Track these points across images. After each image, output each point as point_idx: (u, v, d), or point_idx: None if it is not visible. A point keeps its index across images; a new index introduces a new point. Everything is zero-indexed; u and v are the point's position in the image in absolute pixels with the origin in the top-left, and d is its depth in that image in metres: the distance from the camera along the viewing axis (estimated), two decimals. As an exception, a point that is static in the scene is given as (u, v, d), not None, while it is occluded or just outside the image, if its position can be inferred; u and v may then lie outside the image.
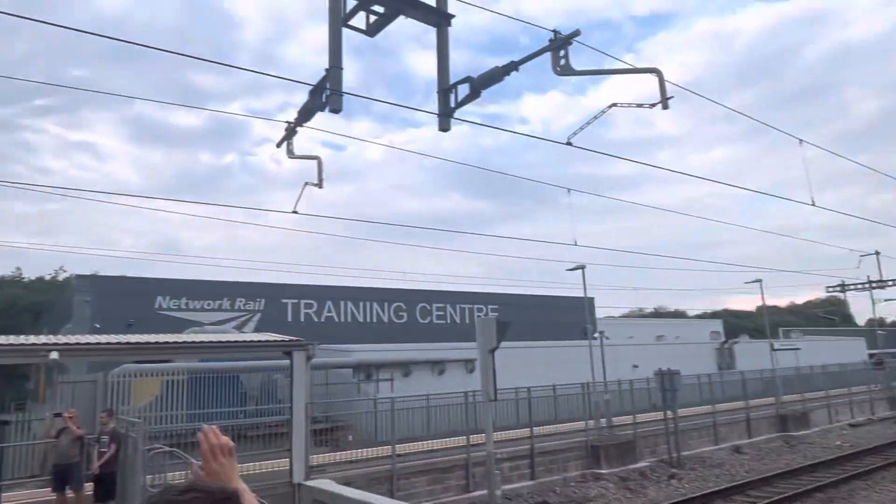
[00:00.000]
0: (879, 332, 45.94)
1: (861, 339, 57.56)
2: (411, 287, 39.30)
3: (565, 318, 38.81)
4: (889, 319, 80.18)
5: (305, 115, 9.03)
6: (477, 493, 14.24)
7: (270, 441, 15.64)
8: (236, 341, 14.69)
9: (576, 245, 19.00)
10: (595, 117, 9.54)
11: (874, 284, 46.15)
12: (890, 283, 45.89)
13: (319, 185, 11.20)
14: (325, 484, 11.28)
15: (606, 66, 17.12)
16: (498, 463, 15.19)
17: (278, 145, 10.28)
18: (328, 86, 7.88)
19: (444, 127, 8.54)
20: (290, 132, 10.08)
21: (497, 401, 18.81)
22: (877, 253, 45.44)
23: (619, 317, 68.29)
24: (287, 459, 12.24)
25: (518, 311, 40.82)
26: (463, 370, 26.96)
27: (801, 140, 13.60)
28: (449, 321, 36.08)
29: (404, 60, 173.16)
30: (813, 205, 12.97)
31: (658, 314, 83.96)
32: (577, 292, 33.10)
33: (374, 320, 35.79)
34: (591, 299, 45.16)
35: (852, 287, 49.31)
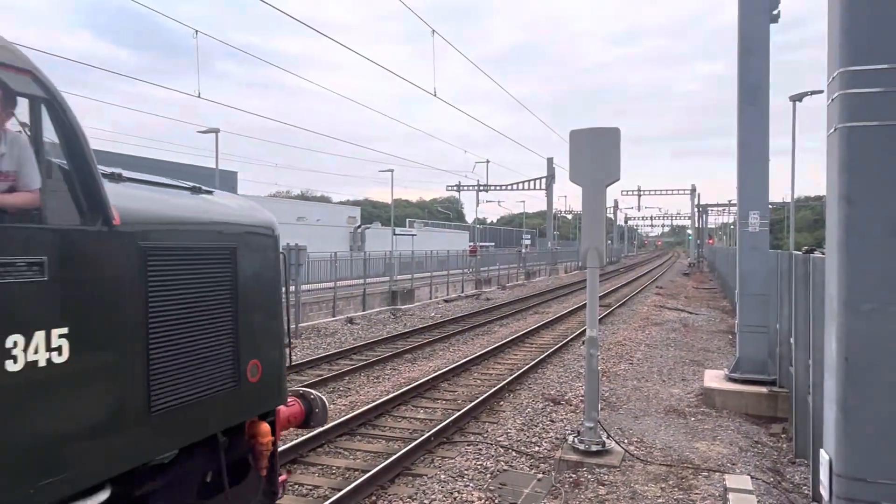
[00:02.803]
0: (478, 227, 55.10)
1: (466, 233, 68.78)
2: None
3: (203, 189, 36.29)
4: (489, 220, 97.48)
5: None
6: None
7: None
8: None
9: (199, 97, 17.30)
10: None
11: (481, 187, 54.77)
12: (492, 187, 55.11)
13: None
14: None
15: None
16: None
17: None
18: None
19: None
20: None
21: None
22: (487, 161, 53.74)
23: (265, 196, 67.72)
24: None
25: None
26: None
27: (433, 30, 14.45)
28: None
29: None
30: (435, 95, 14.21)
31: (304, 197, 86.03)
32: (223, 165, 30.99)
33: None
34: (234, 174, 43.29)
35: (465, 188, 57.83)
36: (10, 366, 2.61)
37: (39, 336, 2.73)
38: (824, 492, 2.72)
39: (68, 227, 3.00)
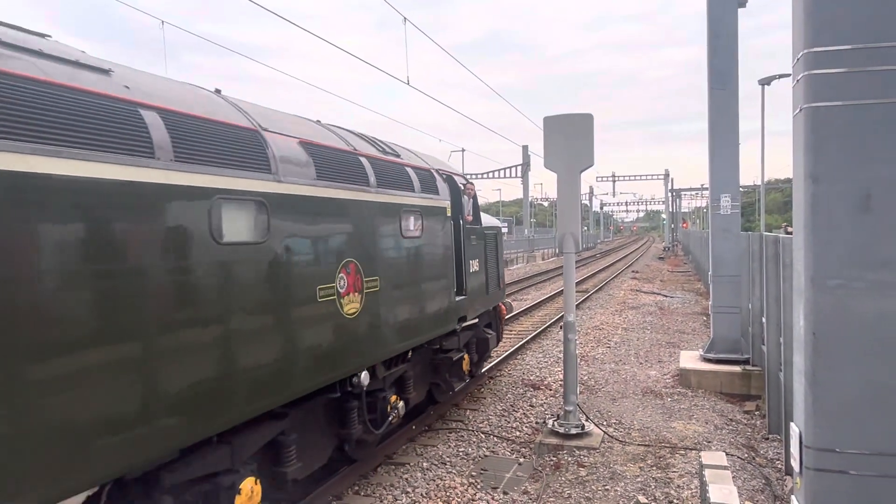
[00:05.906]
0: (455, 216, 55.00)
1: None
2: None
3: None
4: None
5: None
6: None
7: None
8: None
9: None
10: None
11: (457, 176, 54.67)
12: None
13: None
14: None
15: None
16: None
17: None
18: None
19: None
20: None
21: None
22: (462, 150, 53.69)
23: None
24: None
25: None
26: None
27: (405, 18, 14.32)
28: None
29: None
30: (408, 83, 14.16)
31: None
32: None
33: None
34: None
35: (441, 177, 57.67)
36: (472, 270, 9.33)
37: (475, 261, 9.47)
38: (795, 464, 2.80)
39: (473, 226, 9.45)
